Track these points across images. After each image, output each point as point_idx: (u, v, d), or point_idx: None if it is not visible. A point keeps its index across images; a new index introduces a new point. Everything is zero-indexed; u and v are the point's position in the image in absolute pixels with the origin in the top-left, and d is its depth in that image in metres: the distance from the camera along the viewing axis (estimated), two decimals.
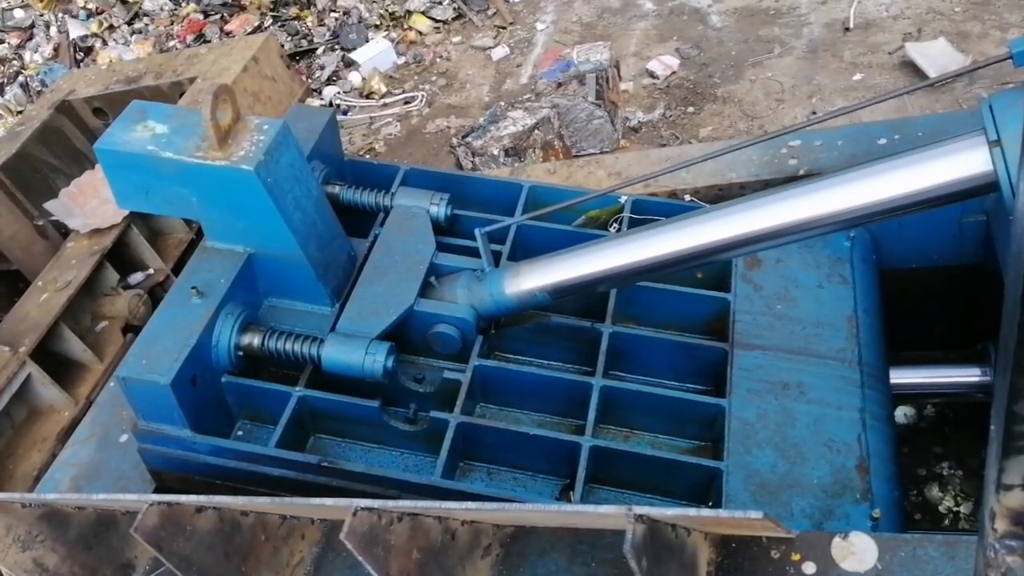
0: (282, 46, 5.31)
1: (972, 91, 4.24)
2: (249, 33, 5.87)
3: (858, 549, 1.24)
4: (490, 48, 5.59)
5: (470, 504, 1.22)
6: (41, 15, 6.61)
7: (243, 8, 6.20)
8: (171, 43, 6.08)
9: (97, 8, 6.44)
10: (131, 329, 2.79)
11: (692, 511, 1.24)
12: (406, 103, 5.32)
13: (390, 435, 1.94)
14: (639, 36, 5.38)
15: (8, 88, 6.21)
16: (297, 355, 1.88)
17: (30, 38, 6.56)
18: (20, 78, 6.25)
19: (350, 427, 1.97)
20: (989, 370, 2.26)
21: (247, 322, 1.89)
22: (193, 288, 1.83)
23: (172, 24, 6.26)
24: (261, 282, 1.96)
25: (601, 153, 4.28)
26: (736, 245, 1.69)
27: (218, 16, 6.22)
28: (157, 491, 1.91)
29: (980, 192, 1.50)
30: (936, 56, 4.49)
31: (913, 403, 2.77)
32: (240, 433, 1.96)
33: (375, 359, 1.82)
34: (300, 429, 1.95)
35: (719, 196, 2.37)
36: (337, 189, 2.23)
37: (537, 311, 2.03)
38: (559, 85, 4.35)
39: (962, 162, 1.48)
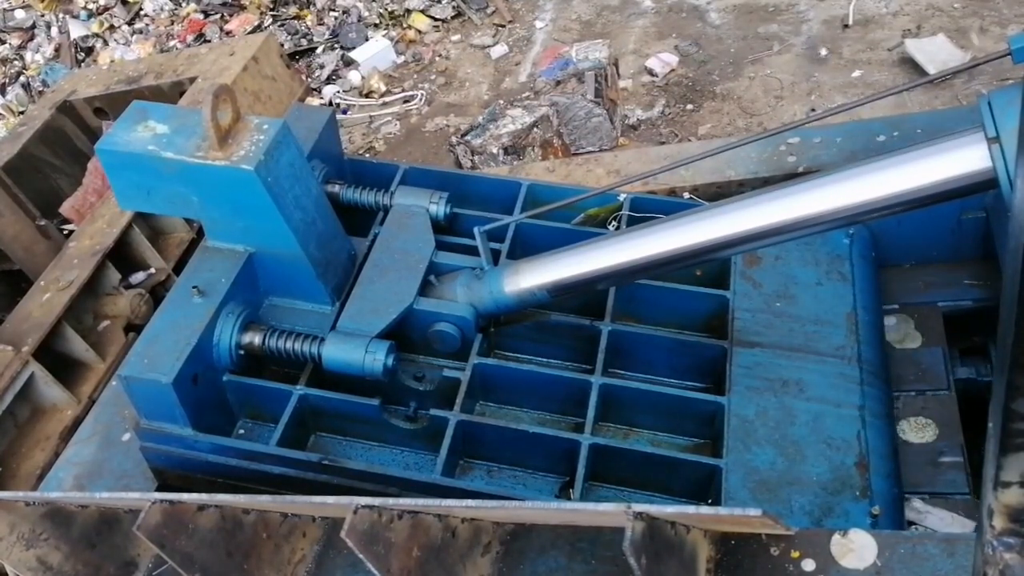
0: (282, 45, 5.31)
1: (971, 87, 4.24)
2: (249, 33, 5.87)
3: (857, 546, 1.24)
4: (489, 46, 5.59)
5: (470, 502, 1.23)
6: (42, 16, 6.61)
7: (243, 8, 6.20)
8: (171, 43, 6.08)
9: (98, 8, 6.44)
10: (133, 328, 2.80)
11: (691, 508, 1.24)
12: (405, 102, 5.32)
13: (390, 433, 1.94)
14: (638, 34, 5.38)
15: (10, 88, 6.21)
16: (298, 354, 1.89)
17: (31, 38, 6.57)
18: (21, 78, 6.26)
19: (351, 425, 1.98)
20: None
21: (248, 321, 1.90)
22: (194, 287, 1.84)
23: (172, 24, 6.26)
24: (262, 281, 1.97)
25: (600, 151, 4.28)
26: (735, 242, 1.69)
27: (218, 16, 6.22)
28: (159, 489, 1.92)
29: (979, 189, 1.50)
30: (935, 52, 4.48)
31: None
32: (241, 431, 1.97)
33: (375, 357, 1.83)
34: (301, 427, 1.95)
35: (718, 193, 2.37)
36: (337, 188, 2.23)
37: (536, 309, 2.03)
38: (558, 83, 4.35)
39: (961, 159, 1.48)
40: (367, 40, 5.80)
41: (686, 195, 2.41)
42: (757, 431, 1.84)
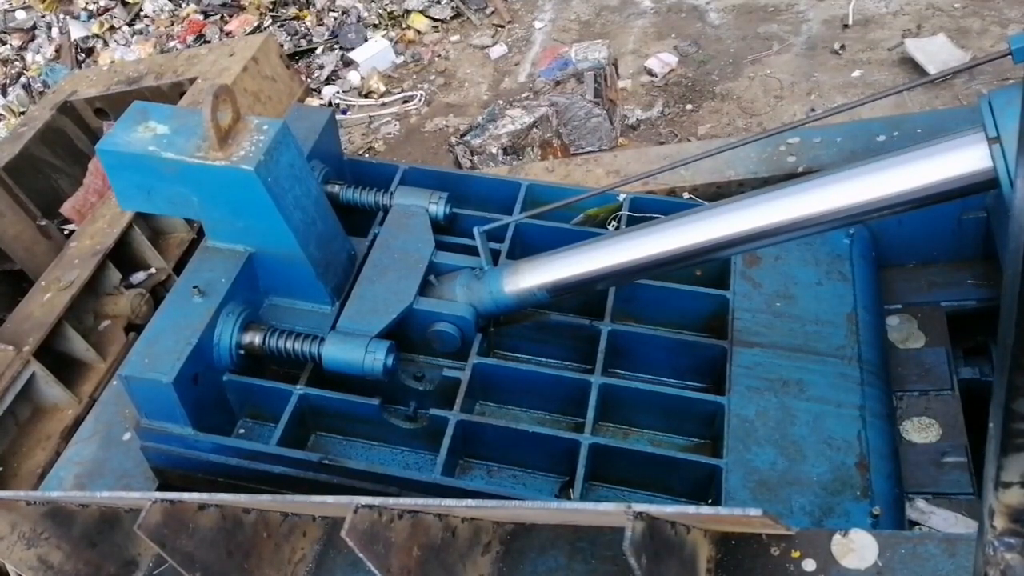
0: (281, 46, 5.32)
1: (972, 87, 4.24)
2: (249, 33, 5.88)
3: (858, 546, 1.24)
4: (488, 47, 5.59)
5: (470, 501, 1.23)
6: (43, 16, 6.62)
7: (243, 8, 6.21)
8: (171, 44, 6.09)
9: (98, 9, 6.44)
10: (133, 328, 2.80)
11: (691, 508, 1.24)
12: (405, 102, 5.32)
13: (390, 433, 1.95)
14: (637, 34, 5.38)
15: (10, 89, 6.22)
16: (298, 353, 1.89)
17: (32, 39, 6.57)
18: (22, 79, 6.26)
19: (351, 425, 1.98)
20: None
21: (248, 321, 1.90)
22: (194, 287, 1.84)
23: (172, 25, 6.27)
24: (262, 281, 1.97)
25: (599, 151, 4.28)
26: (735, 242, 1.69)
27: (218, 16, 6.22)
28: (160, 489, 1.92)
29: (980, 189, 1.50)
30: (936, 52, 4.48)
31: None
32: (242, 431, 1.97)
33: (375, 357, 1.83)
34: (301, 427, 1.95)
35: (717, 193, 2.37)
36: (336, 188, 2.23)
37: (536, 309, 2.03)
38: (557, 83, 4.35)
39: (961, 159, 1.48)
40: (366, 40, 5.80)
41: (686, 195, 2.41)
42: (757, 431, 1.84)
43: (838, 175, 1.60)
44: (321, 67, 5.67)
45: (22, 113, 5.75)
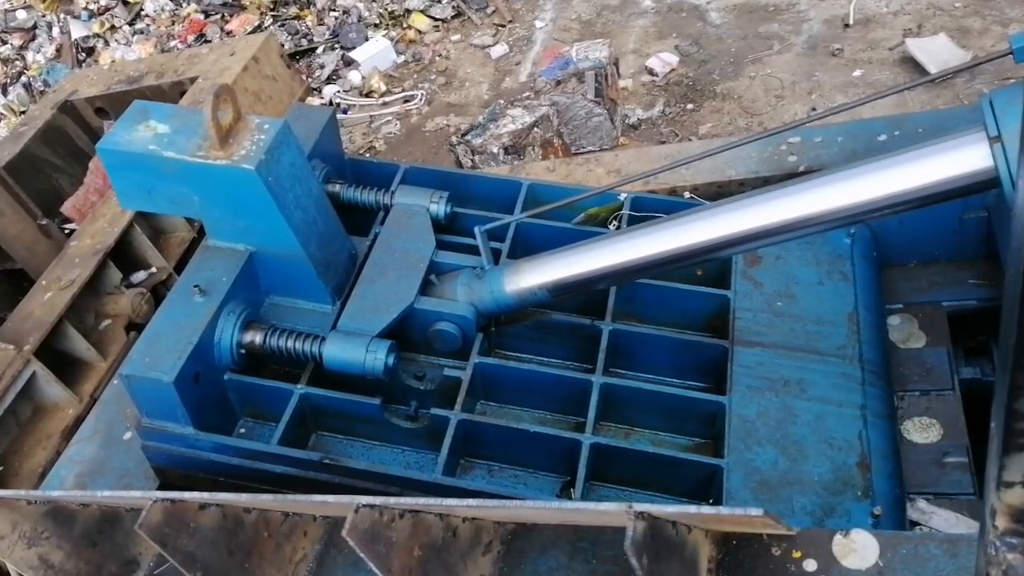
0: (282, 45, 5.32)
1: (973, 87, 4.24)
2: (249, 33, 5.88)
3: (859, 546, 1.24)
4: (489, 46, 5.59)
5: (471, 501, 1.23)
6: (43, 16, 6.62)
7: (243, 8, 6.21)
8: (172, 43, 6.09)
9: (99, 9, 6.45)
10: (134, 327, 2.80)
11: (693, 508, 1.24)
12: (406, 102, 5.32)
13: (391, 432, 1.95)
14: (638, 33, 5.38)
15: (11, 88, 6.22)
16: (299, 353, 1.89)
17: (33, 39, 6.57)
18: (23, 78, 6.26)
19: (351, 424, 1.98)
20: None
21: (249, 320, 1.90)
22: (195, 286, 1.84)
23: (173, 24, 6.27)
24: (263, 280, 1.97)
25: (600, 151, 4.27)
26: (736, 242, 1.69)
27: (218, 16, 6.22)
28: (160, 488, 1.92)
29: (981, 188, 1.50)
30: (937, 52, 4.48)
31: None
32: (242, 430, 1.97)
33: (376, 357, 1.83)
34: (302, 426, 1.95)
35: (718, 193, 2.37)
36: (337, 188, 2.23)
37: (537, 308, 2.03)
38: (558, 83, 4.34)
39: (963, 158, 1.48)
40: (367, 40, 5.80)
41: (687, 195, 2.40)
42: (758, 431, 1.84)
43: (839, 175, 1.60)
44: (322, 66, 5.67)
45: (23, 112, 5.75)
